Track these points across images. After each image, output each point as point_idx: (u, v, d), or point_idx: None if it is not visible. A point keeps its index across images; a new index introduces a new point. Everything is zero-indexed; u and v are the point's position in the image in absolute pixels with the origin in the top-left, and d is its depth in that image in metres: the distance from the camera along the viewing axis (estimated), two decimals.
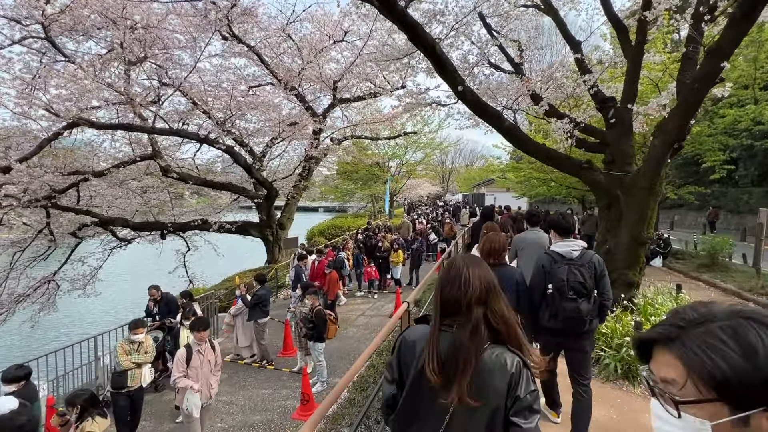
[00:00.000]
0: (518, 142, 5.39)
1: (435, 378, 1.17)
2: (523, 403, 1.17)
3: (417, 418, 1.27)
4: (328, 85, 10.86)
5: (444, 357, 1.20)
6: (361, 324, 8.00)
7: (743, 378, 0.51)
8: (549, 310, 2.76)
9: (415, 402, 1.27)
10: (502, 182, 22.09)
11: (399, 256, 9.74)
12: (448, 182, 58.51)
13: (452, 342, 1.21)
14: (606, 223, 5.20)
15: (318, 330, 5.42)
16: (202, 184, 10.63)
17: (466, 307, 1.22)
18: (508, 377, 1.17)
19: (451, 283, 1.26)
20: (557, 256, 2.79)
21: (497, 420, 1.18)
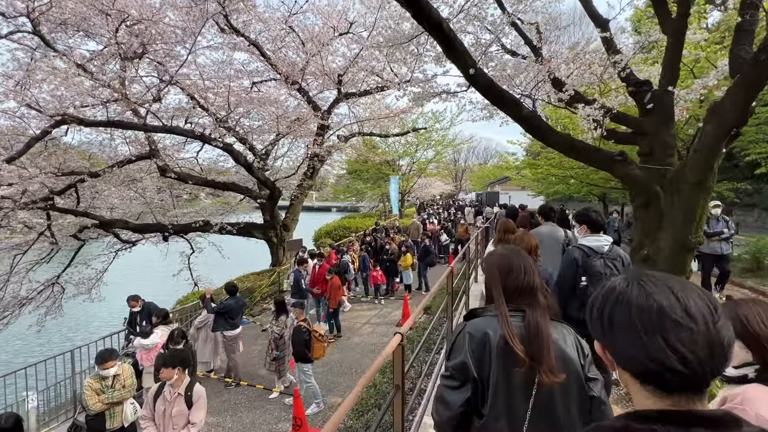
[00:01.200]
0: (538, 133, 4.72)
1: (525, 356, 1.21)
2: (590, 359, 1.30)
3: (503, 413, 1.27)
4: (332, 80, 10.34)
5: (521, 342, 1.24)
6: (366, 333, 7.44)
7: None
8: (579, 301, 2.82)
9: (501, 395, 1.27)
10: (517, 180, 21.22)
11: (407, 260, 9.13)
12: (462, 181, 57.46)
13: (527, 324, 1.27)
14: (643, 225, 4.48)
15: (296, 350, 4.86)
16: (203, 184, 10.26)
17: (532, 291, 1.34)
18: (575, 344, 1.30)
19: (516, 271, 1.37)
20: (589, 250, 2.89)
21: (581, 385, 1.26)
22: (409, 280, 9.34)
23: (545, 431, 1.26)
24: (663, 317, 0.61)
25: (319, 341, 4.89)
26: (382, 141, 21.47)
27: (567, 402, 1.25)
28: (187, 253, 13.01)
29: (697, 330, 0.60)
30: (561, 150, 4.85)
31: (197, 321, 5.77)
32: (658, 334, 0.61)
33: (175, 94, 10.06)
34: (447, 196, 48.50)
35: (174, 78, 7.19)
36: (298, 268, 7.24)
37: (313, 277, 7.42)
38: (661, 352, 0.60)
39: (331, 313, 7.04)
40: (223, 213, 13.22)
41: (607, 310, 0.68)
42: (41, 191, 8.89)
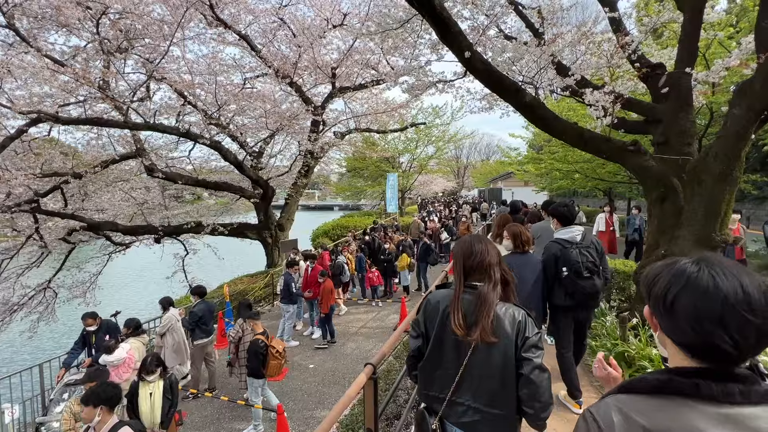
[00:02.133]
0: (543, 122, 4.31)
1: (459, 330, 1.49)
2: (530, 341, 1.46)
3: (440, 364, 1.58)
4: (326, 73, 9.93)
5: (465, 312, 1.51)
6: (361, 337, 7.06)
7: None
8: (564, 290, 2.99)
9: (439, 349, 1.57)
10: (520, 176, 20.74)
11: (404, 260, 8.74)
12: (464, 178, 56.93)
13: (476, 296, 1.52)
14: (659, 221, 4.07)
15: (249, 365, 4.48)
16: (193, 184, 9.91)
17: (488, 268, 1.57)
18: (516, 323, 1.48)
19: (474, 253, 1.60)
20: (565, 242, 3.05)
21: (509, 361, 1.46)
22: (407, 281, 8.95)
23: (471, 384, 1.51)
24: (727, 307, 0.67)
25: (276, 358, 4.50)
26: (381, 138, 21.06)
27: (491, 369, 1.47)
28: (181, 254, 12.71)
29: (754, 321, 0.66)
30: (568, 140, 4.44)
31: (159, 328, 5.30)
32: (718, 323, 0.67)
33: (165, 92, 9.75)
34: (449, 194, 47.99)
35: (154, 70, 6.80)
36: (288, 270, 6.82)
37: (305, 279, 7.04)
38: (718, 338, 0.67)
39: (324, 318, 6.67)
40: (220, 213, 12.91)
41: (673, 291, 0.72)
42: (26, 193, 8.58)
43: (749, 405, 0.66)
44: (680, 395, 0.70)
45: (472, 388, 1.50)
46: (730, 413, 0.66)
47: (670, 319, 0.73)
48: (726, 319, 0.66)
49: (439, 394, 1.56)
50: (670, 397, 0.71)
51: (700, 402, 0.68)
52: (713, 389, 0.67)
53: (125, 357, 4.81)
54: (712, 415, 0.66)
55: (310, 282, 6.90)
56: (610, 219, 9.29)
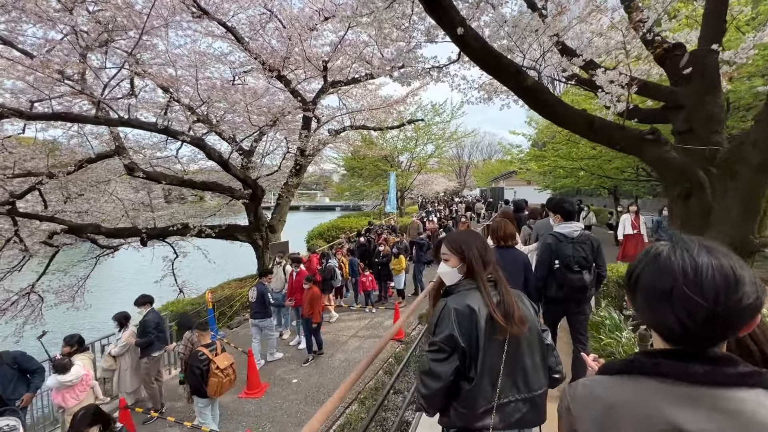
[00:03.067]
0: (547, 109, 3.79)
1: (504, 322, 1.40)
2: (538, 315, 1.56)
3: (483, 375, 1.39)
4: (317, 67, 9.44)
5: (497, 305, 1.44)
6: (352, 348, 6.56)
7: None
8: (555, 282, 3.11)
9: (487, 360, 1.40)
10: (523, 174, 20.17)
11: (400, 263, 8.22)
12: (466, 177, 56.37)
13: (500, 291, 1.49)
14: (682, 222, 3.53)
15: (190, 381, 4.01)
16: (179, 184, 9.45)
17: (495, 263, 1.56)
18: (528, 303, 1.54)
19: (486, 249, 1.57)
20: (561, 236, 3.17)
21: (539, 336, 1.49)
22: (401, 285, 8.44)
23: (516, 378, 1.42)
24: (676, 288, 0.67)
25: (216, 376, 4.01)
26: (380, 136, 20.56)
27: (532, 351, 1.46)
28: (170, 257, 12.27)
29: (703, 304, 0.64)
30: (576, 130, 3.91)
31: (117, 349, 4.69)
32: (667, 302, 0.68)
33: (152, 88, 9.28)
34: (451, 193, 47.44)
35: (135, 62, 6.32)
36: (262, 280, 6.16)
37: (290, 285, 6.54)
38: (665, 316, 0.69)
39: (313, 329, 6.13)
40: (208, 215, 12.44)
41: (638, 269, 0.75)
42: (1, 195, 8.15)
43: (716, 386, 0.65)
44: (642, 374, 0.72)
45: (516, 380, 1.42)
46: (691, 392, 0.66)
47: (633, 297, 0.76)
48: (674, 300, 0.67)
49: (487, 405, 1.40)
50: (633, 376, 0.73)
51: (661, 381, 0.69)
52: (673, 368, 0.68)
53: (84, 373, 4.34)
54: (671, 392, 0.67)
55: (295, 288, 6.40)
56: (636, 220, 8.17)
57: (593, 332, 3.85)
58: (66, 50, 7.71)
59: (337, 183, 36.16)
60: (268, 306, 5.98)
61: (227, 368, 4.10)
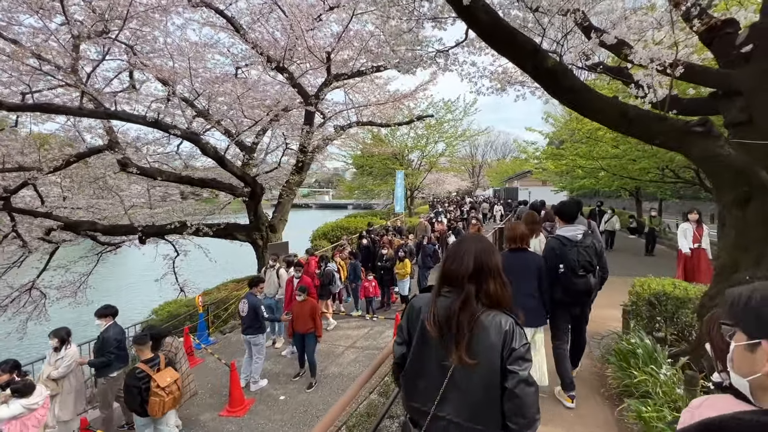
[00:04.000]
0: (571, 95, 3.19)
1: (433, 331, 1.40)
2: (517, 353, 1.34)
3: (422, 374, 1.46)
4: (320, 59, 8.94)
5: (441, 317, 1.41)
6: (347, 361, 6.04)
7: None
8: (561, 286, 3.12)
9: (420, 358, 1.47)
10: (538, 174, 19.33)
11: (405, 267, 7.66)
12: (479, 177, 55.31)
13: (448, 306, 1.41)
14: (738, 233, 2.89)
15: (127, 400, 3.58)
16: (176, 181, 9.10)
17: (460, 281, 1.43)
18: (503, 334, 1.36)
19: (452, 259, 1.48)
20: (565, 240, 3.17)
21: (494, 376, 1.34)
22: (406, 291, 7.88)
23: (457, 405, 1.39)
24: None
25: (157, 395, 3.53)
26: (390, 134, 20.00)
27: (477, 386, 1.36)
28: (171, 256, 12.02)
29: None
30: (606, 121, 3.29)
31: (60, 371, 4.07)
32: None
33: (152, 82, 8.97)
34: (464, 193, 46.54)
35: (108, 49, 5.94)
36: (252, 291, 5.28)
37: (288, 294, 6.02)
38: None
39: (310, 347, 5.34)
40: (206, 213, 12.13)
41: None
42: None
43: None
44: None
45: (455, 401, 1.40)
46: None
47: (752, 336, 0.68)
48: None
49: (422, 407, 1.46)
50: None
51: None
52: None
53: (47, 395, 3.94)
54: None
55: (294, 298, 5.87)
56: (699, 231, 6.68)
57: (622, 363, 3.23)
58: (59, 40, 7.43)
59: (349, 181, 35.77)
60: (261, 320, 5.17)
61: (170, 385, 3.64)
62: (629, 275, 7.12)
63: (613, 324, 4.85)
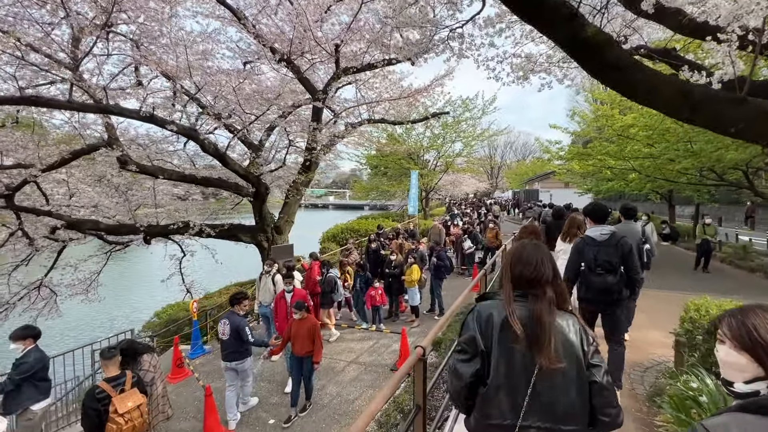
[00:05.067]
0: (615, 73, 2.52)
1: (522, 335, 1.35)
2: (593, 347, 1.39)
3: (502, 386, 1.38)
4: (328, 52, 8.43)
5: (523, 322, 1.37)
6: (348, 379, 5.47)
7: None
8: (584, 284, 3.26)
9: (502, 370, 1.38)
10: (561, 175, 18.30)
11: (412, 273, 7.04)
12: (498, 178, 53.97)
13: (529, 313, 1.39)
14: None
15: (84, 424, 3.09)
16: (178, 179, 8.78)
17: (541, 285, 1.44)
18: (579, 332, 1.39)
19: (528, 264, 1.47)
20: (589, 239, 3.28)
21: (582, 373, 1.35)
22: (415, 301, 7.26)
23: (544, 410, 1.34)
24: None
25: (115, 422, 3.01)
26: (406, 132, 19.37)
27: (567, 385, 1.34)
28: (178, 256, 11.81)
29: None
30: (662, 105, 2.60)
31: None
32: None
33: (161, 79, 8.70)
34: (482, 195, 45.39)
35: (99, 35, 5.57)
36: (234, 308, 4.48)
37: (278, 311, 5.48)
38: None
39: (308, 373, 4.67)
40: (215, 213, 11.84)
41: None
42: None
43: None
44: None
45: (542, 408, 1.34)
46: None
47: None
48: None
49: (503, 422, 1.37)
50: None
51: None
52: None
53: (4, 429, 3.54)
54: None
55: (282, 316, 5.31)
56: None
57: (681, 415, 2.53)
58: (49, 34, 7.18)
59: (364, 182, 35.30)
60: (246, 343, 4.40)
61: (130, 411, 3.13)
62: (671, 290, 6.29)
63: (657, 352, 4.10)
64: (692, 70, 2.94)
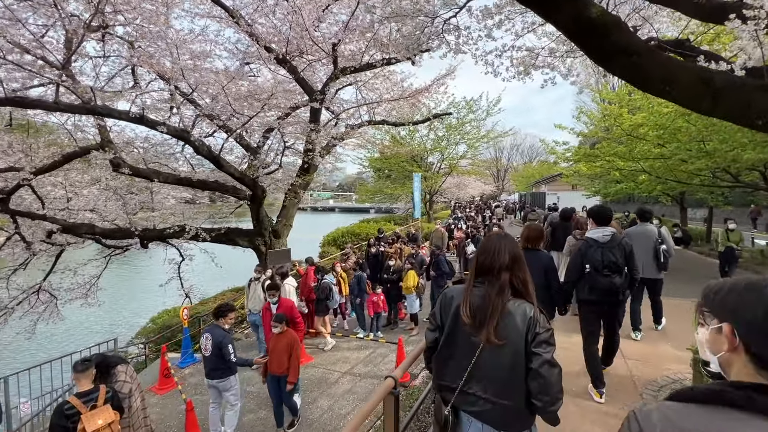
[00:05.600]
0: (625, 59, 2.24)
1: (468, 320, 1.55)
2: (540, 337, 1.48)
3: (452, 356, 1.63)
4: (325, 51, 8.23)
5: (475, 306, 1.57)
6: (341, 391, 5.19)
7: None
8: (588, 285, 3.28)
9: (451, 342, 1.64)
10: (568, 178, 17.87)
11: (408, 280, 6.75)
12: (504, 181, 53.45)
13: (482, 295, 1.57)
14: None
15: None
16: (175, 183, 8.62)
17: (497, 271, 1.58)
18: (527, 319, 1.50)
19: (487, 252, 1.63)
20: (592, 241, 3.34)
21: (518, 357, 1.49)
22: (414, 309, 6.96)
23: (484, 382, 1.54)
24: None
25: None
26: (408, 135, 19.12)
27: (503, 364, 1.50)
28: (176, 260, 11.66)
29: None
30: (679, 95, 2.30)
31: None
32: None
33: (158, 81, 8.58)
34: (488, 197, 44.93)
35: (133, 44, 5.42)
36: (219, 322, 4.09)
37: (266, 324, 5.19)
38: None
39: (286, 394, 4.26)
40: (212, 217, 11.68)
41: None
42: None
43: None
44: (731, 407, 0.69)
45: (483, 379, 1.54)
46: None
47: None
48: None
49: (451, 384, 1.61)
50: (720, 408, 0.70)
51: (751, 415, 0.67)
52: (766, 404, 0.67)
53: None
54: (763, 428, 0.65)
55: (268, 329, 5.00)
56: None
57: None
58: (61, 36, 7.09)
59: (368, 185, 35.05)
60: (228, 360, 3.98)
61: (100, 429, 2.89)
62: (685, 297, 5.93)
63: (672, 368, 3.77)
64: (709, 60, 2.64)
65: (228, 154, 10.84)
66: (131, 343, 9.95)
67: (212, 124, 8.04)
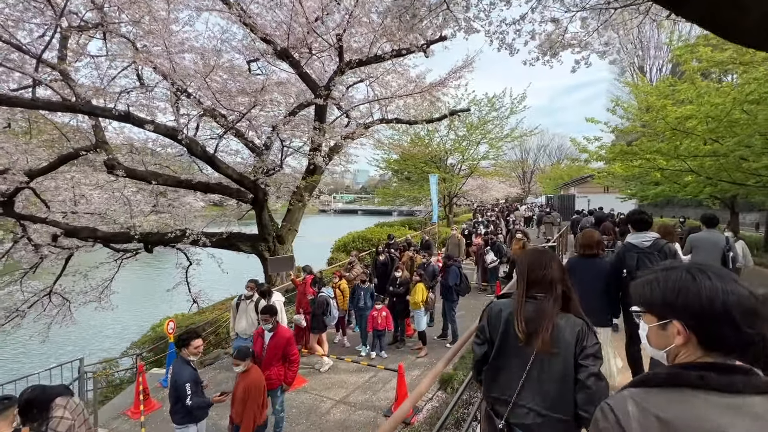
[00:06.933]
0: None
1: (521, 335, 1.58)
2: (588, 350, 1.52)
3: (504, 368, 1.66)
4: (329, 43, 7.63)
5: (527, 319, 1.59)
6: (331, 423, 4.50)
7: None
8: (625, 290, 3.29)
9: (503, 355, 1.66)
10: (601, 179, 16.49)
11: (416, 294, 5.98)
12: (530, 183, 51.40)
13: (536, 308, 1.60)
14: None
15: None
16: (175, 185, 8.27)
17: (550, 283, 1.63)
18: (576, 332, 1.55)
19: (539, 267, 1.66)
20: (630, 246, 3.37)
21: (568, 368, 1.52)
22: (422, 326, 6.17)
23: (536, 394, 1.57)
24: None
25: None
26: (428, 135, 18.30)
27: (555, 376, 1.54)
28: (183, 265, 11.41)
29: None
30: None
31: None
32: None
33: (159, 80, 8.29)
34: (513, 200, 43.21)
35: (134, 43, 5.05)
36: (183, 353, 3.34)
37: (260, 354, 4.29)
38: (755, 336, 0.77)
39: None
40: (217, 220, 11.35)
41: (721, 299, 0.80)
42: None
43: (751, 395, 0.73)
44: (688, 387, 0.77)
45: (534, 392, 1.57)
46: (734, 402, 0.73)
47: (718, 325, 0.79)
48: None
49: (500, 396, 1.65)
50: (679, 389, 0.78)
51: (706, 392, 0.75)
52: (719, 381, 0.75)
53: None
54: (718, 404, 0.73)
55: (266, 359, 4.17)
56: None
57: None
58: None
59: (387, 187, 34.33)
60: (189, 408, 3.18)
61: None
62: None
63: None
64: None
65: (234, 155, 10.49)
66: (125, 354, 9.68)
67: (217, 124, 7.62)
